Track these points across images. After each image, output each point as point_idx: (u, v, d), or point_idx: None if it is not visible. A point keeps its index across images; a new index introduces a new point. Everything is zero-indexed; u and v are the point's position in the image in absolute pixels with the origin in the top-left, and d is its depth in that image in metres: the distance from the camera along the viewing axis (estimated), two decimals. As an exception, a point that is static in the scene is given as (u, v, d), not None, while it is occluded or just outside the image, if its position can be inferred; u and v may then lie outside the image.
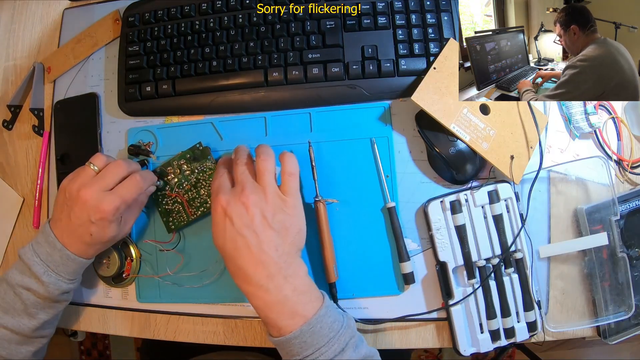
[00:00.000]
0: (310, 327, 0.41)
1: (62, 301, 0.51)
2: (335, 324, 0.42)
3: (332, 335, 0.41)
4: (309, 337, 0.40)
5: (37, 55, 0.66)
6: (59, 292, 0.49)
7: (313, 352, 0.40)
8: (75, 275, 0.50)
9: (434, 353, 1.29)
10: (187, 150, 0.55)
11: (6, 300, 0.48)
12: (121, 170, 0.49)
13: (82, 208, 0.46)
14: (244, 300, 0.54)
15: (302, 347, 0.40)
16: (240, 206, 0.43)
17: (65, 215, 0.48)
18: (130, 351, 1.42)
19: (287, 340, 0.41)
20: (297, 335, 0.40)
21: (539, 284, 0.51)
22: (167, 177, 0.55)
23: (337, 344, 0.41)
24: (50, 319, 0.50)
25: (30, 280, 0.48)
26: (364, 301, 0.52)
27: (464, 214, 0.50)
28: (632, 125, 0.53)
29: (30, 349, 0.50)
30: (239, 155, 0.48)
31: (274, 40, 0.55)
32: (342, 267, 0.52)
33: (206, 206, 0.54)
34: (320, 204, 0.51)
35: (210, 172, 0.54)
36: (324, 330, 0.41)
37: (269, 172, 0.46)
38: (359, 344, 0.43)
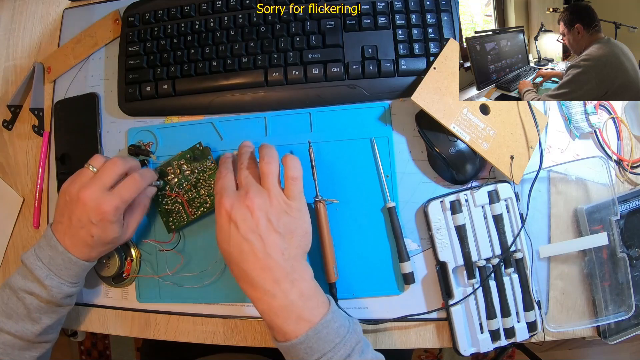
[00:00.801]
0: (316, 332, 0.40)
1: (66, 305, 0.50)
2: (341, 329, 0.42)
3: (338, 340, 0.41)
4: (315, 343, 0.40)
5: (37, 55, 0.66)
6: (61, 295, 0.48)
7: (319, 357, 0.40)
8: (78, 278, 0.50)
9: (434, 353, 1.29)
10: (187, 150, 0.55)
11: (9, 305, 0.48)
12: (118, 168, 0.48)
13: (82, 210, 0.46)
14: (244, 301, 0.54)
15: (308, 352, 0.40)
16: (245, 210, 0.42)
17: (66, 217, 0.48)
18: (130, 351, 1.42)
19: (293, 346, 0.41)
20: (303, 341, 0.40)
21: (539, 284, 0.51)
22: (167, 177, 0.55)
23: (343, 349, 0.40)
24: (53, 324, 0.50)
25: (32, 284, 0.47)
26: (364, 301, 0.52)
27: (464, 214, 0.50)
28: (632, 125, 0.53)
29: (33, 355, 0.49)
30: (243, 157, 0.48)
31: (274, 40, 0.55)
32: (342, 267, 0.52)
33: (206, 206, 0.54)
34: (320, 204, 0.51)
35: (211, 172, 0.54)
36: (330, 336, 0.41)
37: (273, 174, 0.45)
38: (365, 349, 0.42)
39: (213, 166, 0.54)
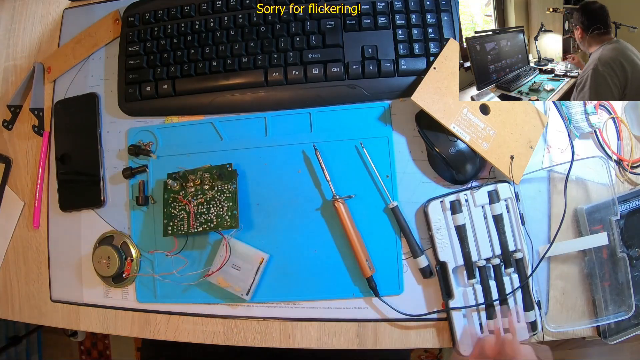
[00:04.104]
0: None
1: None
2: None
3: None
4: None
5: (37, 55, 0.66)
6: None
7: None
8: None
9: (434, 353, 1.29)
10: (216, 166, 0.54)
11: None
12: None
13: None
14: (244, 300, 0.54)
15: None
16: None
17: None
18: (131, 351, 1.42)
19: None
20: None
21: (539, 284, 0.51)
22: (187, 183, 0.54)
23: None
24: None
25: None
26: (364, 301, 0.52)
27: (464, 214, 0.50)
28: (632, 125, 0.53)
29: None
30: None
31: (274, 40, 0.55)
32: (342, 267, 0.52)
33: (210, 225, 0.53)
34: (339, 202, 0.51)
35: (229, 195, 0.53)
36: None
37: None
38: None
39: (234, 190, 0.53)
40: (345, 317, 0.53)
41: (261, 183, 0.55)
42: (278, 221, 0.54)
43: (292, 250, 0.53)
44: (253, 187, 0.55)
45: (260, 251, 0.53)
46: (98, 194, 0.58)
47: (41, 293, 0.60)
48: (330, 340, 0.53)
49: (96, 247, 0.57)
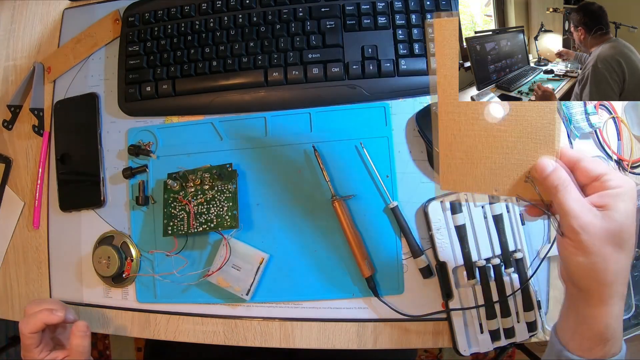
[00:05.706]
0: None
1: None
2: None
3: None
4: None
5: (37, 55, 0.66)
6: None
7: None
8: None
9: (434, 353, 1.29)
10: (216, 166, 0.55)
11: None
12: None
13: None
14: (244, 300, 0.54)
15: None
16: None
17: None
18: (131, 351, 1.42)
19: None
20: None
21: (539, 284, 0.51)
22: (188, 183, 0.54)
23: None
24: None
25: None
26: (364, 301, 0.52)
27: (464, 214, 0.50)
28: (632, 125, 0.53)
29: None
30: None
31: (274, 40, 0.55)
32: (342, 267, 0.52)
33: (210, 225, 0.53)
34: (338, 202, 0.51)
35: (229, 195, 0.53)
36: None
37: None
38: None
39: (234, 190, 0.53)
40: (345, 317, 0.53)
41: (261, 183, 0.55)
42: (278, 221, 0.54)
43: (292, 250, 0.53)
44: (253, 187, 0.55)
45: (260, 251, 0.53)
46: (98, 194, 0.58)
47: (41, 293, 0.60)
48: (330, 340, 0.53)
49: (96, 247, 0.57)
